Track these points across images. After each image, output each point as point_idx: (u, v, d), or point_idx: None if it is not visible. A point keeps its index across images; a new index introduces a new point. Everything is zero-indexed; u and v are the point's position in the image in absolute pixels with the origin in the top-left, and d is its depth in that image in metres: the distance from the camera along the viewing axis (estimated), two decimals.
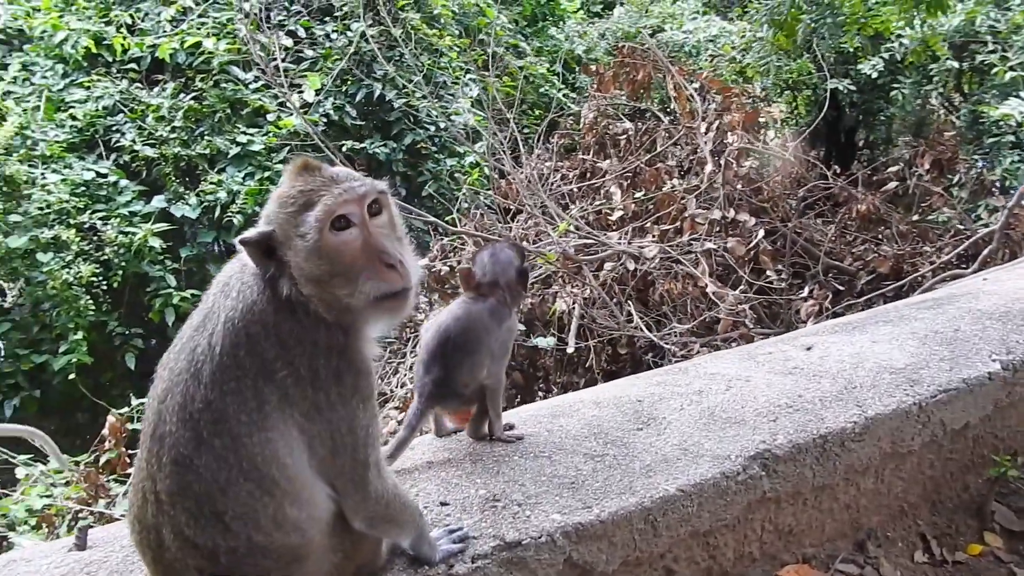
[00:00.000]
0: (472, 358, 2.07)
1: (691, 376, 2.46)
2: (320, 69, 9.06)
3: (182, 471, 1.49)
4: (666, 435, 2.08)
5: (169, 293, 7.83)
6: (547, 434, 2.09)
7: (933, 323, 2.69)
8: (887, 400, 2.23)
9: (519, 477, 1.87)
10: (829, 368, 2.41)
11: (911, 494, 2.42)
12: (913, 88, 9.62)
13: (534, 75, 10.80)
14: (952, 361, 2.42)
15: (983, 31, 8.89)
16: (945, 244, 6.52)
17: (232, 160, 8.46)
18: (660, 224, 5.93)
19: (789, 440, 2.06)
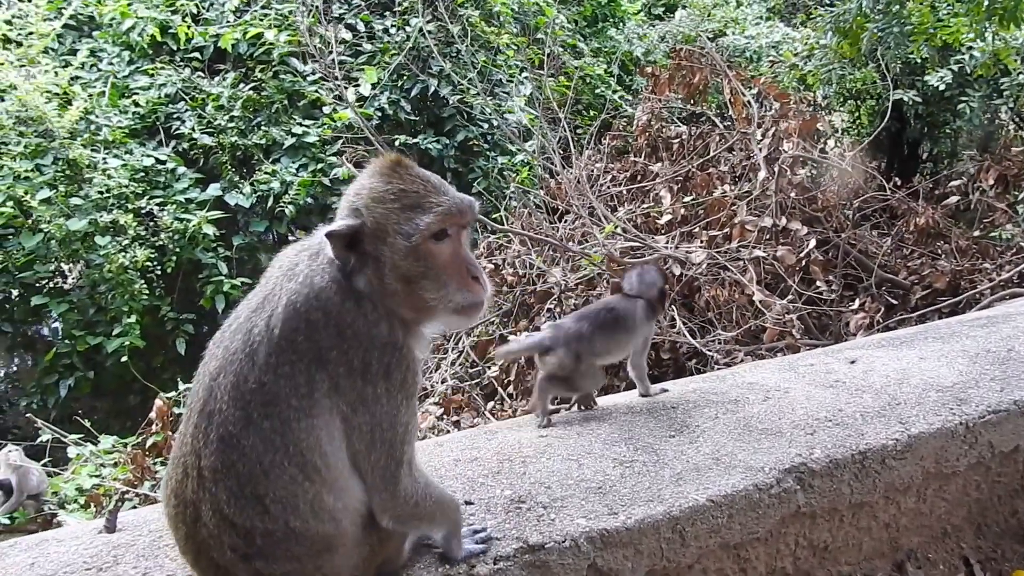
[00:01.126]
0: (621, 335, 2.44)
1: (728, 384, 2.41)
2: (377, 63, 9.12)
3: (228, 449, 1.51)
4: (698, 443, 2.03)
5: (220, 280, 7.95)
6: (577, 437, 2.06)
7: (986, 341, 2.60)
8: (932, 418, 2.16)
9: (546, 479, 1.85)
10: (872, 383, 2.34)
11: (955, 516, 2.34)
12: (982, 102, 9.35)
13: (590, 76, 10.75)
14: (1004, 381, 2.33)
15: None
16: (1006, 261, 6.33)
17: (287, 151, 8.57)
18: (709, 230, 5.85)
19: (827, 455, 2.00)
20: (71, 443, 6.01)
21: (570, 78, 9.61)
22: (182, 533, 1.57)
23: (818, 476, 1.97)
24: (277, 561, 1.53)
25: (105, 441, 6.00)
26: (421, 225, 1.58)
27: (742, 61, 11.16)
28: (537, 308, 5.96)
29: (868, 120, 13.10)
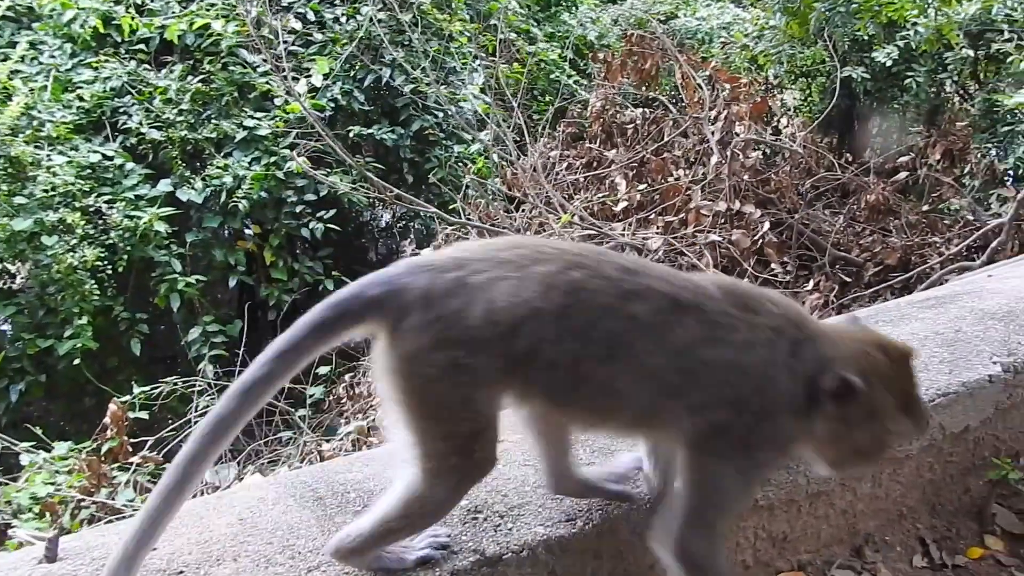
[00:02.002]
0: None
1: None
2: (329, 53, 9.00)
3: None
4: None
5: (174, 278, 7.81)
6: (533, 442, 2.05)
7: (934, 323, 2.64)
8: None
9: (502, 487, 1.83)
10: None
11: (910, 498, 2.38)
12: (927, 76, 9.48)
13: (545, 61, 10.71)
14: (952, 363, 2.37)
15: (999, 19, 8.76)
16: (954, 235, 6.45)
17: (239, 144, 8.42)
18: (665, 215, 5.87)
19: None
20: (23, 450, 5.88)
21: (524, 64, 9.57)
22: None
23: None
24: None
25: (60, 447, 5.88)
26: (902, 428, 1.67)
27: (694, 43, 11.20)
28: None
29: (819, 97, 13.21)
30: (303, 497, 1.85)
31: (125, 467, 5.50)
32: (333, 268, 9.04)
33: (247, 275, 8.70)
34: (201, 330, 7.95)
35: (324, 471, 2.01)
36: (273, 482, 2.01)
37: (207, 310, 8.24)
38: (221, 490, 6.14)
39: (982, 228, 6.08)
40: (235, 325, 8.19)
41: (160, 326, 8.47)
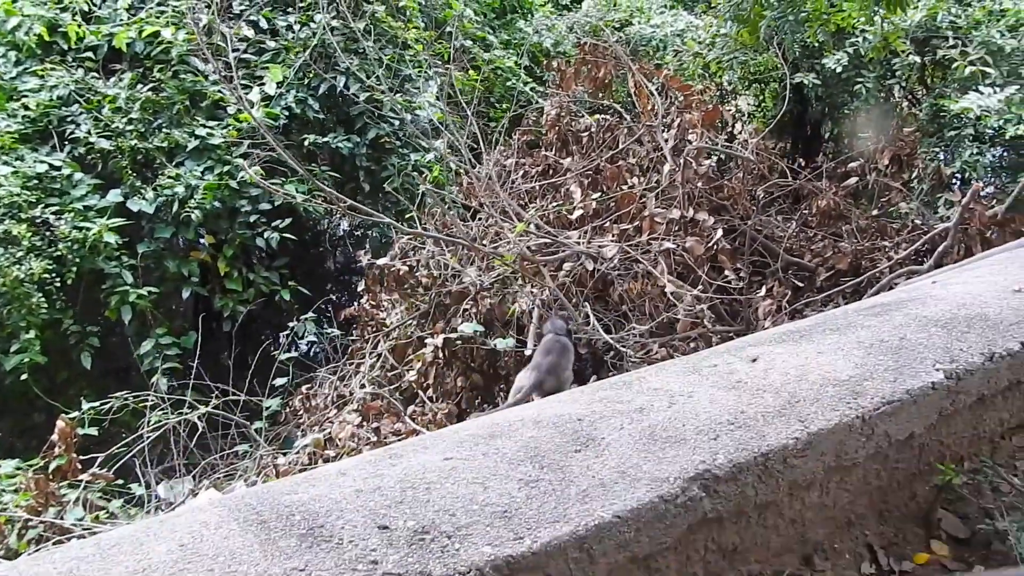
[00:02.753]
0: (570, 354, 4.18)
1: (634, 391, 2.42)
2: (282, 61, 8.91)
3: None
4: (604, 457, 2.03)
5: (125, 290, 7.68)
6: (482, 458, 2.03)
7: (879, 331, 2.67)
8: (830, 414, 2.21)
9: (450, 506, 1.82)
10: (773, 382, 2.38)
11: (858, 505, 2.41)
12: (876, 82, 9.67)
13: (501, 68, 10.71)
14: (896, 371, 2.40)
15: (944, 26, 8.97)
16: (903, 240, 6.56)
17: (191, 153, 8.30)
18: (620, 223, 5.90)
19: (730, 459, 2.03)
20: None
21: (480, 71, 9.56)
22: None
23: (723, 481, 2.00)
24: None
25: (6, 465, 5.75)
26: None
27: (648, 50, 11.28)
28: (454, 309, 5.93)
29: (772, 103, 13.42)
30: (247, 521, 1.82)
31: (74, 485, 5.39)
32: (290, 278, 8.97)
33: (201, 286, 8.58)
34: (154, 342, 7.83)
35: (269, 492, 1.97)
36: (217, 505, 1.97)
37: (160, 322, 8.11)
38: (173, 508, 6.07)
39: (928, 233, 6.20)
40: (189, 337, 8.08)
41: (112, 339, 8.31)
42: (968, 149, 8.57)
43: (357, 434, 5.35)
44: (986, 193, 8.69)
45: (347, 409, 5.82)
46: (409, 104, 9.32)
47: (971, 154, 8.52)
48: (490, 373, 5.84)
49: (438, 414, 5.46)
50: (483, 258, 6.05)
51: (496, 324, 5.81)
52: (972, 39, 8.56)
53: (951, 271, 3.81)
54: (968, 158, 8.47)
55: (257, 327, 10.53)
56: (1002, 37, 8.42)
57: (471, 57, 10.19)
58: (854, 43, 8.78)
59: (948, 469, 2.44)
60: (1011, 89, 7.60)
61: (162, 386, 6.91)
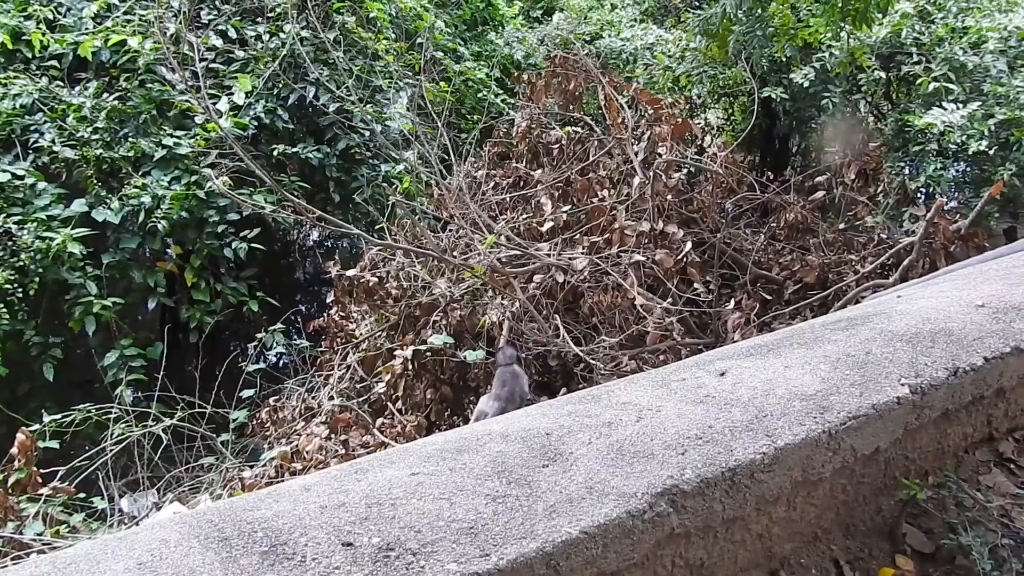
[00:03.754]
0: (524, 381, 4.41)
1: (603, 406, 2.40)
2: (251, 71, 8.86)
3: None
4: (572, 472, 2.02)
5: (90, 301, 7.58)
6: (449, 473, 2.01)
7: (846, 345, 2.69)
8: (797, 429, 2.21)
9: (416, 522, 1.79)
10: (741, 396, 2.38)
11: (824, 520, 2.41)
12: (842, 97, 9.82)
13: (472, 80, 10.74)
14: (862, 386, 2.41)
15: (908, 43, 9.13)
16: (869, 253, 6.64)
17: (158, 163, 8.22)
18: (590, 236, 5.91)
19: (697, 474, 2.02)
20: None
21: (451, 83, 9.57)
22: None
23: (690, 496, 1.99)
24: None
25: None
26: None
27: (619, 63, 11.37)
28: (424, 320, 5.90)
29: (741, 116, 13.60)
30: (208, 538, 1.78)
31: (34, 499, 5.29)
32: (259, 288, 8.89)
33: (167, 297, 8.48)
34: (118, 354, 7.73)
35: (232, 508, 1.94)
36: (178, 521, 1.93)
37: (125, 333, 8.00)
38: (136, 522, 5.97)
39: (894, 247, 6.28)
40: (155, 348, 7.99)
41: (75, 350, 8.19)
42: (932, 164, 8.72)
43: (325, 447, 5.29)
44: (949, 207, 8.84)
45: (315, 421, 5.76)
46: (379, 115, 9.30)
47: (935, 169, 8.68)
48: (460, 385, 5.82)
49: (407, 426, 5.43)
50: (453, 270, 6.03)
51: (466, 336, 5.79)
52: (936, 56, 8.73)
53: (916, 286, 3.86)
54: (932, 173, 8.62)
55: (224, 338, 10.43)
56: (964, 54, 8.60)
57: (442, 68, 10.19)
58: (821, 58, 8.91)
59: (913, 484, 2.45)
60: (973, 105, 7.76)
61: (126, 398, 6.80)
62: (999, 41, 8.50)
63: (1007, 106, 7.69)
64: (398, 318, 6.13)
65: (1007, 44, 8.52)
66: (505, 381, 4.26)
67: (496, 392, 4.26)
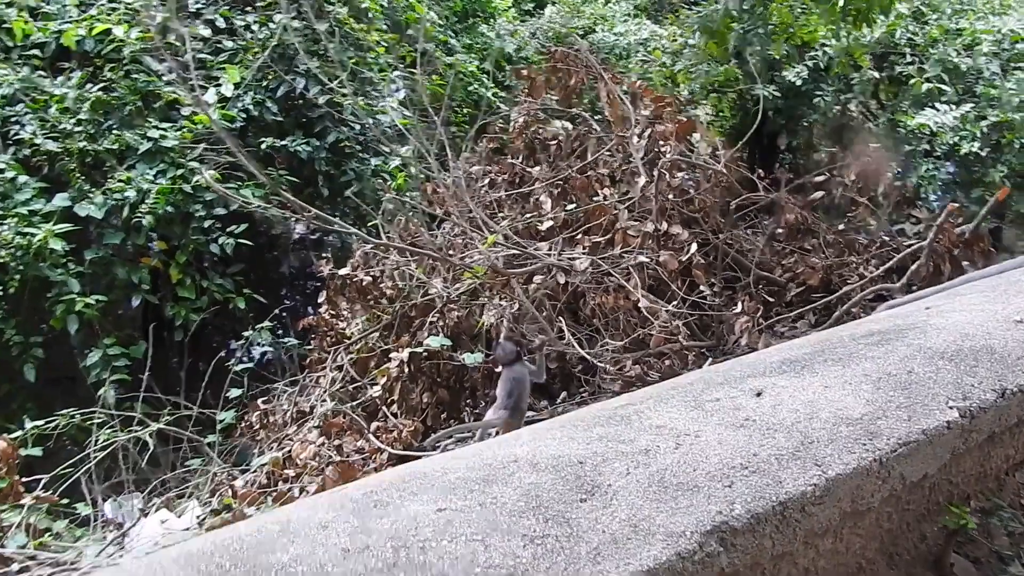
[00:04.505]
0: (527, 385, 4.28)
1: (635, 429, 2.25)
2: (239, 62, 8.63)
3: None
4: (613, 507, 1.86)
5: (72, 299, 7.34)
6: (480, 509, 1.85)
7: (885, 363, 2.55)
8: (847, 457, 2.07)
9: (448, 569, 1.63)
10: (783, 419, 2.24)
11: (868, 549, 2.28)
12: (834, 96, 9.73)
13: (463, 73, 10.54)
14: (910, 409, 2.28)
15: (902, 43, 9.05)
16: (872, 256, 6.54)
17: (143, 156, 7.98)
18: (591, 235, 5.76)
19: (747, 509, 1.87)
20: None
21: (443, 76, 9.38)
22: None
23: (740, 534, 1.84)
24: None
25: None
26: None
27: (612, 58, 11.21)
28: (420, 321, 5.73)
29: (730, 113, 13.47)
30: None
31: (16, 507, 5.09)
32: (244, 284, 8.68)
33: (152, 294, 8.25)
34: (101, 353, 7.51)
35: (241, 548, 1.76)
36: (181, 560, 1.76)
37: (108, 332, 7.77)
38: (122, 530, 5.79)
39: (901, 252, 6.17)
40: (139, 347, 7.77)
41: (57, 349, 7.95)
42: (923, 165, 8.64)
43: (320, 453, 5.12)
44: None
45: (307, 426, 5.58)
46: (370, 108, 9.10)
47: (926, 169, 8.60)
48: (457, 388, 5.66)
49: (403, 431, 5.26)
50: (449, 269, 5.86)
51: (463, 338, 5.62)
52: (929, 57, 8.65)
53: (939, 295, 3.73)
54: (924, 173, 8.53)
55: (210, 336, 10.22)
56: (958, 56, 8.53)
57: (434, 61, 10.00)
58: (814, 57, 8.82)
59: (962, 511, 2.32)
60: (966, 107, 7.68)
61: (110, 399, 6.58)
62: (993, 44, 8.43)
63: (999, 108, 7.62)
64: (392, 318, 5.96)
65: (1000, 47, 8.45)
66: (511, 390, 4.10)
67: (503, 402, 4.09)
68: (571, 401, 5.28)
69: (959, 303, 3.16)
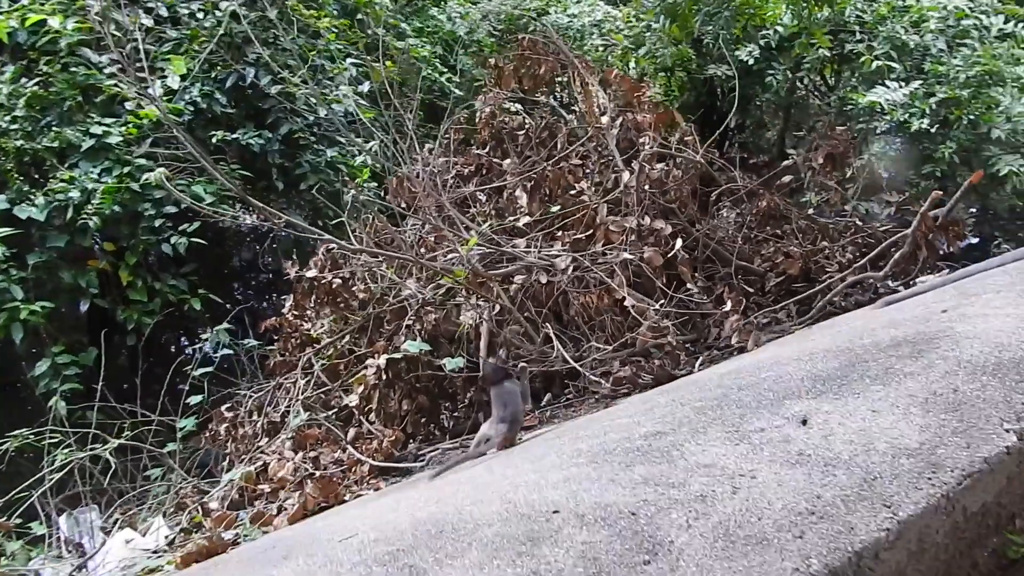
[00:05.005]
0: (519, 400, 4.03)
1: (682, 470, 2.09)
2: (186, 52, 8.22)
3: None
4: (681, 571, 1.69)
5: (16, 306, 6.93)
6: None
7: (927, 381, 2.43)
8: (914, 494, 1.94)
9: None
10: (839, 452, 2.10)
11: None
12: (785, 75, 9.68)
13: (416, 58, 10.24)
14: (965, 435, 2.15)
15: (852, 21, 9.04)
16: (847, 242, 6.47)
17: (86, 154, 7.55)
18: (570, 231, 5.57)
19: (824, 564, 1.72)
20: None
21: (396, 62, 9.09)
22: None
23: None
24: None
25: None
26: None
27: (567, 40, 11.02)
28: (396, 325, 5.49)
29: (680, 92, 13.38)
30: None
31: None
32: (199, 285, 8.34)
33: (101, 297, 7.85)
34: (50, 362, 7.15)
35: None
36: None
37: (56, 339, 7.38)
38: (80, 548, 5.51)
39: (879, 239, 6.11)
40: (89, 354, 7.42)
41: (1, 360, 7.55)
42: (875, 142, 8.67)
43: (299, 466, 4.88)
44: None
45: (281, 439, 5.32)
46: (324, 97, 8.77)
47: (879, 148, 8.62)
48: (437, 393, 5.45)
49: (384, 441, 5.05)
50: (423, 269, 5.63)
51: (442, 341, 5.41)
52: (878, 34, 8.64)
53: (946, 292, 3.64)
54: (876, 151, 8.55)
55: (163, 338, 9.84)
56: (906, 33, 8.52)
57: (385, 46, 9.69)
58: (765, 36, 8.76)
59: (1019, 540, 2.21)
60: (915, 84, 7.69)
61: (61, 410, 6.24)
62: (939, 20, 8.43)
63: (947, 85, 7.62)
64: (365, 321, 5.72)
65: (946, 24, 8.46)
66: (506, 402, 3.92)
67: (500, 415, 3.91)
68: (557, 403, 5.11)
69: (979, 306, 3.06)
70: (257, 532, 4.57)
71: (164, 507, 5.75)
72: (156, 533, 5.35)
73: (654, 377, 4.60)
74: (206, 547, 4.31)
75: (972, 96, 7.30)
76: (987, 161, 7.20)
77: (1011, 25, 7.76)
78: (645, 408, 3.01)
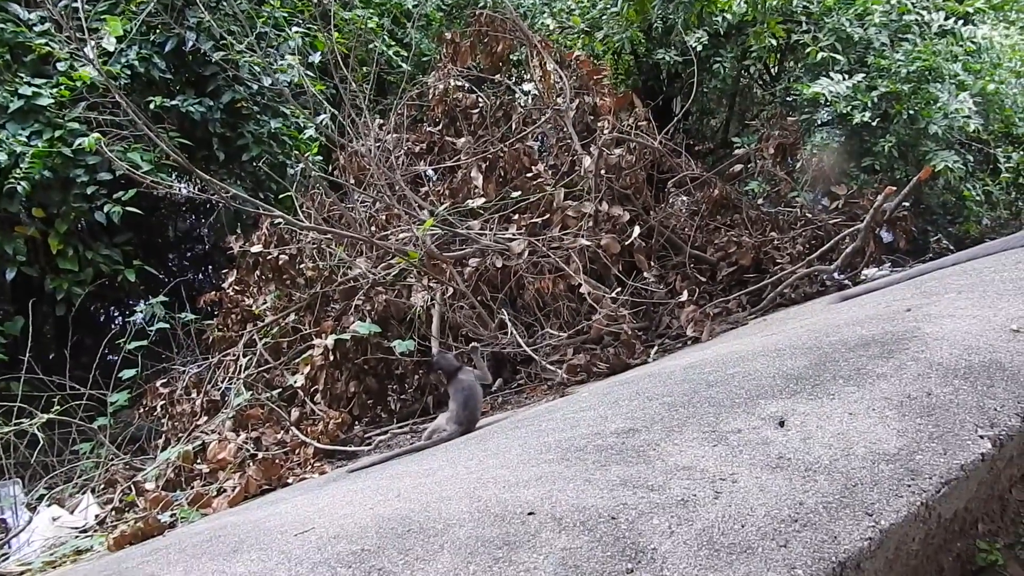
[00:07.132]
0: (478, 391, 3.99)
1: (660, 472, 2.02)
2: (123, 13, 7.84)
3: None
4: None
5: None
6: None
7: (899, 383, 2.41)
8: (895, 502, 1.90)
9: None
10: (818, 456, 2.06)
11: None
12: (732, 62, 9.70)
13: (362, 29, 9.96)
14: (942, 440, 2.13)
15: (798, 11, 9.08)
16: (797, 234, 6.51)
17: (13, 115, 7.17)
18: (525, 215, 5.47)
19: (809, 575, 1.68)
20: None
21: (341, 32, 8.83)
22: None
23: None
24: None
25: None
26: None
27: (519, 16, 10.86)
28: (344, 305, 5.34)
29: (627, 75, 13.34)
30: None
31: None
32: (133, 255, 8.03)
33: (28, 265, 7.50)
34: None
35: None
36: None
37: None
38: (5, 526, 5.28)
39: (827, 229, 6.16)
40: (15, 323, 7.11)
41: None
42: (819, 134, 8.76)
43: (240, 447, 4.72)
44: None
45: (220, 418, 5.14)
46: (270, 66, 8.47)
47: (821, 139, 8.72)
48: (385, 374, 5.33)
49: (330, 423, 4.91)
50: (373, 247, 5.48)
51: (392, 322, 5.28)
52: (823, 25, 8.70)
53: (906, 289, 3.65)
54: (819, 142, 8.64)
55: (95, 309, 9.48)
56: (851, 25, 8.59)
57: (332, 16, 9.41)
58: (715, 23, 8.76)
59: (992, 549, 2.21)
60: (858, 77, 7.77)
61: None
62: (883, 14, 8.52)
63: (889, 79, 7.72)
64: (311, 300, 5.55)
65: (890, 17, 8.56)
66: (466, 401, 3.80)
67: (457, 415, 3.79)
68: (510, 388, 5.04)
69: (943, 306, 3.07)
70: (195, 515, 4.40)
71: (93, 483, 5.54)
72: (85, 511, 5.14)
73: (609, 366, 4.55)
74: (141, 529, 4.14)
75: (912, 91, 7.40)
76: (924, 156, 7.32)
77: (951, 22, 7.86)
78: (609, 401, 2.95)
